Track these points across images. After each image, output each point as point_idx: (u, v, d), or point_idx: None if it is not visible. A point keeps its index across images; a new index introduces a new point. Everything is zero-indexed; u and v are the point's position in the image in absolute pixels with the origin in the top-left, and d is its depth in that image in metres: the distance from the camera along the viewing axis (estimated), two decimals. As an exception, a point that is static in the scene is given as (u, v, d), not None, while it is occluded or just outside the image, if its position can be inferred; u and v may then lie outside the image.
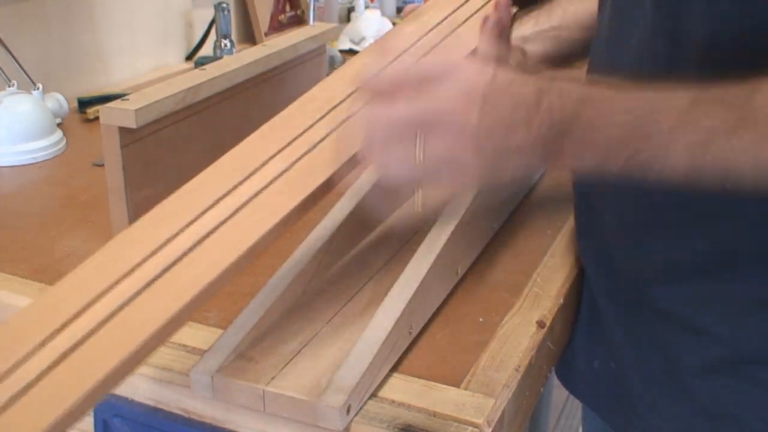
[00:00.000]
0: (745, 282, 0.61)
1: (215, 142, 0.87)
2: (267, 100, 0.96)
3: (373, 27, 1.67)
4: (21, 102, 1.05)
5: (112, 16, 1.33)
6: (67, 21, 1.25)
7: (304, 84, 1.04)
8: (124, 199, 0.75)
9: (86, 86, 1.29)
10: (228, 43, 1.46)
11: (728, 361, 0.64)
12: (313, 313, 0.66)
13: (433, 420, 0.56)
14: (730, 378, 0.64)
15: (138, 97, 0.75)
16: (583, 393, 0.80)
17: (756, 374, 0.63)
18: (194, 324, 0.67)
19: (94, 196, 0.91)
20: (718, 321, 0.63)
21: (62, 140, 1.07)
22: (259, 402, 0.56)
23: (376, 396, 0.58)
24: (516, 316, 0.69)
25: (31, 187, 0.96)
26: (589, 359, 0.76)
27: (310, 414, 0.55)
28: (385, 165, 0.57)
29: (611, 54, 0.67)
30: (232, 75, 0.86)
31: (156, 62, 1.45)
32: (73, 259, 0.77)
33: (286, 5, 1.70)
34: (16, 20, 1.17)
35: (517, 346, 0.65)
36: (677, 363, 0.66)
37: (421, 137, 0.54)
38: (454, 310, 0.70)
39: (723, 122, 0.49)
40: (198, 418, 0.61)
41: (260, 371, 0.58)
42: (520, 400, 0.63)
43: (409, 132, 0.55)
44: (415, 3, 1.97)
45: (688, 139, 0.49)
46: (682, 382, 0.66)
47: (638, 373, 0.70)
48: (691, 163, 0.50)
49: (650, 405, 0.69)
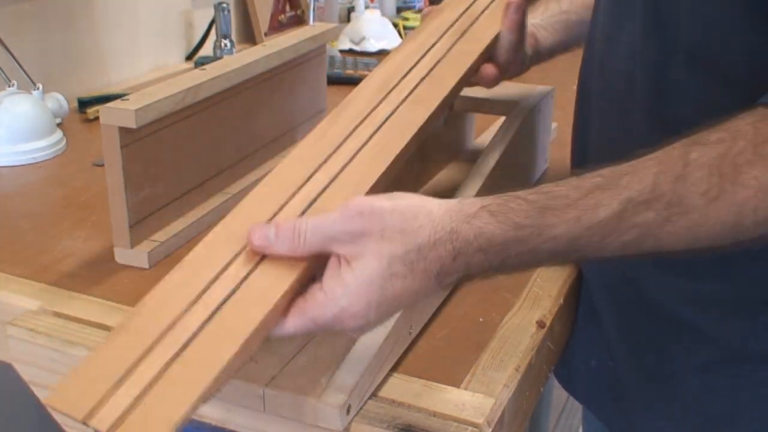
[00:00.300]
0: (744, 282, 0.62)
1: (215, 142, 0.87)
2: (267, 100, 0.96)
3: (373, 27, 1.67)
4: (21, 102, 1.05)
5: (112, 16, 1.33)
6: (67, 21, 1.25)
7: (304, 84, 1.04)
8: (124, 199, 0.74)
9: (86, 86, 1.29)
10: (228, 43, 1.46)
11: (726, 361, 0.64)
12: (313, 313, 0.65)
13: (433, 420, 0.56)
14: (727, 378, 0.64)
15: (138, 97, 0.75)
16: (581, 393, 0.80)
17: (754, 374, 0.63)
18: (194, 324, 0.67)
19: (94, 196, 0.92)
20: (716, 321, 0.64)
21: (62, 140, 1.07)
22: (259, 402, 0.56)
23: (376, 396, 0.58)
24: (516, 316, 0.69)
25: (31, 187, 0.96)
26: (587, 359, 0.76)
27: (310, 414, 0.55)
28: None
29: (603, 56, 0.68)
30: (232, 75, 0.86)
31: (156, 62, 1.45)
32: (73, 259, 0.78)
33: (286, 5, 1.70)
34: (16, 20, 1.17)
35: (517, 346, 0.65)
36: (675, 363, 0.66)
37: None
38: (454, 310, 0.70)
39: (654, 218, 0.49)
40: (198, 418, 0.60)
41: (260, 371, 0.58)
42: (520, 400, 0.63)
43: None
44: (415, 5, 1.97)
45: (621, 241, 0.50)
46: (681, 382, 0.66)
47: (636, 373, 0.70)
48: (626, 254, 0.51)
49: (648, 405, 0.69)
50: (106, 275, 0.75)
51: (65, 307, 0.69)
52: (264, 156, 0.97)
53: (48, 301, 0.70)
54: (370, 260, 0.49)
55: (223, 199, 0.88)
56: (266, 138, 0.97)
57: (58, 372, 0.65)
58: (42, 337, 0.65)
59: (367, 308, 0.49)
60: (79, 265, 0.77)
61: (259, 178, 0.93)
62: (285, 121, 1.01)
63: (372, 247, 0.49)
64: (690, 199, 0.48)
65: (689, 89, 0.59)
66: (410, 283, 0.50)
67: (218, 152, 0.88)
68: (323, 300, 0.50)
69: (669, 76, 0.60)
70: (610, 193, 0.49)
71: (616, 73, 0.65)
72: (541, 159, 0.96)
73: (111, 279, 0.74)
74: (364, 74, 1.40)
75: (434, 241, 0.50)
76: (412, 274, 0.50)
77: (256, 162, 0.95)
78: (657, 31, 0.60)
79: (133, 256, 0.77)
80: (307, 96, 1.06)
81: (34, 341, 0.65)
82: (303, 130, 1.06)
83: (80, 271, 0.76)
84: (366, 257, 0.49)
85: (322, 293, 0.50)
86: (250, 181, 0.92)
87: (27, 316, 0.68)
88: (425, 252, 0.50)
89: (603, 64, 0.68)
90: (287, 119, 1.02)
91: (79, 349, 0.64)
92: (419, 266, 0.50)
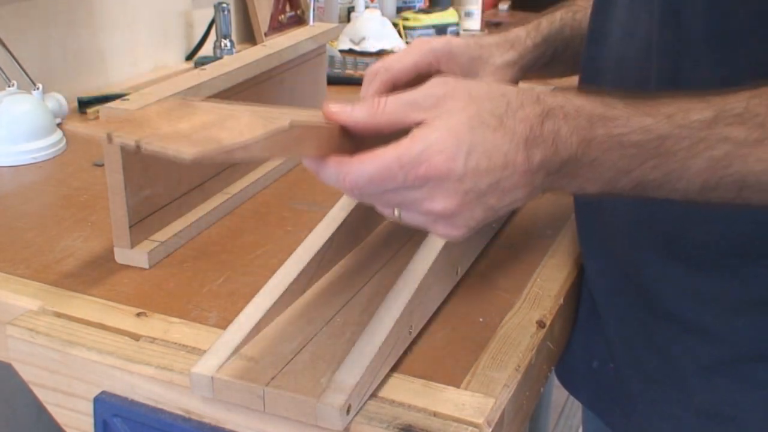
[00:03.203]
0: (744, 282, 0.61)
1: (215, 142, 0.87)
2: (267, 100, 0.96)
3: (373, 27, 1.66)
4: (21, 102, 1.05)
5: (112, 16, 1.33)
6: (67, 21, 1.25)
7: (304, 84, 1.04)
8: (124, 199, 0.74)
9: (86, 86, 1.29)
10: (228, 43, 1.46)
11: (727, 361, 0.64)
12: (313, 313, 0.66)
13: (433, 420, 0.56)
14: (729, 378, 0.64)
15: (138, 97, 0.75)
16: (582, 393, 0.80)
17: (755, 374, 0.63)
18: (194, 324, 0.67)
19: (94, 196, 0.92)
20: (718, 321, 0.63)
21: (62, 140, 1.07)
22: (259, 402, 0.56)
23: (376, 396, 0.58)
24: (516, 316, 0.69)
25: (31, 187, 0.96)
26: (588, 359, 0.76)
27: (310, 414, 0.55)
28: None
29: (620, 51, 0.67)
30: (232, 75, 0.86)
31: (156, 62, 1.45)
32: (73, 259, 0.78)
33: (286, 5, 1.70)
34: (16, 20, 1.17)
35: (517, 346, 0.65)
36: (676, 363, 0.66)
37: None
38: (454, 310, 0.70)
39: (746, 136, 0.47)
40: (198, 418, 0.61)
41: (260, 371, 0.58)
42: (520, 400, 0.63)
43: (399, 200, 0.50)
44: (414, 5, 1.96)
45: (709, 155, 0.48)
46: (681, 382, 0.66)
47: (637, 374, 0.70)
48: (709, 177, 0.49)
49: (649, 405, 0.69)
50: (106, 275, 0.75)
51: (65, 307, 0.69)
52: (264, 156, 0.97)
53: (48, 301, 0.70)
54: (458, 110, 0.47)
55: (223, 199, 0.88)
56: (266, 138, 0.97)
57: (58, 372, 0.65)
58: (42, 337, 0.65)
59: (457, 147, 0.46)
60: (79, 265, 0.77)
61: (258, 178, 0.93)
62: (285, 121, 1.01)
63: (458, 105, 0.47)
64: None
65: (705, 80, 0.58)
66: (500, 139, 0.47)
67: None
68: (409, 140, 0.47)
69: (685, 67, 0.59)
70: (702, 104, 0.48)
71: (632, 67, 0.64)
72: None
73: (111, 279, 0.74)
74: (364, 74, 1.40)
75: (522, 101, 0.48)
76: (502, 128, 0.47)
77: (256, 162, 0.95)
78: (674, 18, 0.59)
79: (133, 256, 0.77)
80: (307, 96, 1.06)
81: (34, 341, 0.65)
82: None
83: (80, 271, 0.76)
84: (453, 111, 0.47)
85: (407, 138, 0.47)
86: (250, 181, 0.92)
87: (27, 316, 0.68)
88: (514, 109, 0.47)
89: (620, 59, 0.67)
90: (287, 119, 1.02)
91: (79, 349, 0.64)
92: (508, 122, 0.47)
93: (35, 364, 0.66)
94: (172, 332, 0.66)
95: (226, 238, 0.83)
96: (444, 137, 0.46)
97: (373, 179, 0.47)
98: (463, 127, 0.47)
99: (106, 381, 0.63)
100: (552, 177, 0.50)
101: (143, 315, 0.68)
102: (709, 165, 0.48)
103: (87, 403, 0.64)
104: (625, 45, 0.65)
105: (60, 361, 0.65)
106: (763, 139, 0.47)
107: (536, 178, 0.49)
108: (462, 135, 0.46)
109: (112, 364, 0.63)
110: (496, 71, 0.73)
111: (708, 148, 0.47)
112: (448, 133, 0.46)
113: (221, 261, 0.78)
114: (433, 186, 0.47)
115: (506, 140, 0.47)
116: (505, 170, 0.47)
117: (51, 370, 0.65)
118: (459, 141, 0.46)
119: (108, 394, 0.63)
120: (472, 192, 0.48)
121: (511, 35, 0.75)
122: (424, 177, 0.47)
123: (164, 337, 0.65)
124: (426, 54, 0.70)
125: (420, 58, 0.70)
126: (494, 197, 0.49)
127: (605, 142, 0.48)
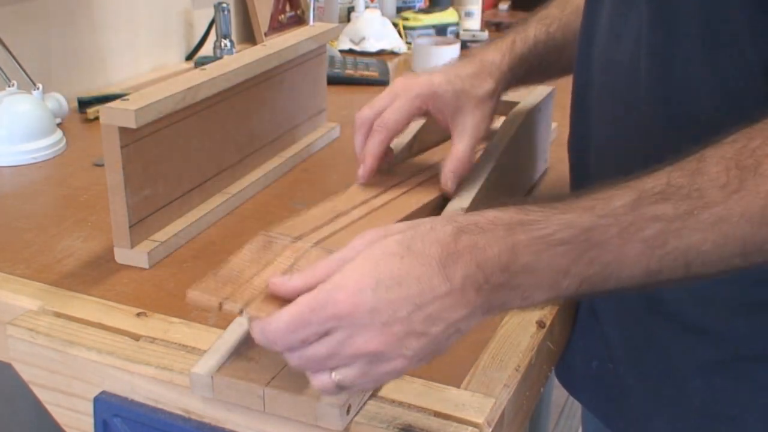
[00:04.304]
0: (744, 282, 0.61)
1: (215, 142, 0.87)
2: (267, 100, 0.96)
3: (373, 27, 1.66)
4: (21, 102, 1.05)
5: (112, 16, 1.33)
6: (67, 21, 1.25)
7: (304, 84, 1.04)
8: (124, 199, 0.75)
9: (86, 86, 1.30)
10: (228, 43, 1.46)
11: (727, 361, 0.64)
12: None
13: (433, 420, 0.56)
14: (728, 378, 0.64)
15: (138, 97, 0.75)
16: (582, 394, 0.80)
17: (755, 374, 0.63)
18: (194, 324, 0.67)
19: (94, 196, 0.92)
20: (718, 321, 0.63)
21: (62, 140, 1.07)
22: (259, 402, 0.56)
23: (376, 396, 0.58)
24: (516, 316, 0.69)
25: (31, 187, 0.96)
26: (588, 360, 0.76)
27: (310, 414, 0.55)
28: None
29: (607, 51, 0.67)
30: (232, 75, 0.86)
31: (156, 62, 1.45)
32: (73, 259, 0.78)
33: (286, 5, 1.70)
34: (16, 20, 1.17)
35: (517, 346, 0.65)
36: (676, 363, 0.66)
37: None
38: (454, 310, 0.70)
39: (673, 211, 0.46)
40: (198, 418, 0.61)
41: (260, 371, 0.58)
42: (520, 400, 0.63)
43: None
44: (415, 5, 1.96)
45: (641, 237, 0.46)
46: (681, 383, 0.66)
47: (637, 374, 0.70)
48: (649, 261, 0.47)
49: (649, 405, 0.69)
50: (106, 275, 0.75)
51: (65, 307, 0.69)
52: (264, 156, 0.97)
53: (48, 301, 0.70)
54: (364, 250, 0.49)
55: (223, 199, 0.88)
56: (266, 138, 0.97)
57: (58, 372, 0.65)
58: (42, 337, 0.65)
59: (360, 282, 0.47)
60: (79, 265, 0.77)
61: (258, 178, 0.93)
62: (285, 121, 1.01)
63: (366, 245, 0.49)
64: (709, 192, 0.45)
65: (695, 78, 0.58)
66: (409, 265, 0.47)
67: (218, 152, 0.88)
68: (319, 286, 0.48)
69: (675, 66, 0.59)
70: (622, 189, 0.47)
71: (621, 68, 0.64)
72: (542, 159, 0.96)
73: (111, 279, 0.74)
74: (364, 74, 1.40)
75: (431, 225, 0.48)
76: (410, 254, 0.47)
77: (256, 162, 0.96)
78: (663, 19, 0.59)
79: (133, 256, 0.77)
80: (307, 96, 1.06)
81: (34, 341, 0.65)
82: (303, 130, 1.06)
83: (80, 271, 0.76)
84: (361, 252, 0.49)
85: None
86: (250, 181, 0.93)
87: (27, 316, 0.68)
88: (422, 234, 0.48)
89: (607, 60, 0.67)
90: (287, 119, 1.02)
91: (79, 349, 0.64)
92: (417, 247, 0.47)
93: (35, 364, 0.66)
94: (172, 332, 0.66)
95: (226, 238, 0.83)
96: (347, 275, 0.48)
97: (289, 327, 0.48)
98: (367, 262, 0.48)
99: (106, 381, 0.63)
100: (486, 292, 0.48)
101: (143, 315, 0.68)
102: (645, 247, 0.47)
103: (87, 403, 0.64)
104: (613, 46, 0.65)
105: (60, 361, 0.65)
106: (692, 210, 0.46)
107: (467, 297, 0.48)
108: (366, 270, 0.47)
109: (112, 364, 0.63)
110: (478, 103, 0.75)
111: (639, 231, 0.46)
112: (352, 271, 0.48)
113: (221, 261, 0.78)
114: (347, 325, 0.47)
115: (417, 265, 0.47)
116: (422, 295, 0.47)
117: (51, 370, 0.65)
118: (362, 276, 0.47)
119: (108, 394, 0.63)
120: (393, 323, 0.47)
121: (487, 61, 0.77)
122: (334, 316, 0.47)
123: (164, 337, 0.65)
124: (413, 101, 0.74)
125: (410, 107, 0.74)
126: (423, 324, 0.47)
127: (531, 245, 0.47)
